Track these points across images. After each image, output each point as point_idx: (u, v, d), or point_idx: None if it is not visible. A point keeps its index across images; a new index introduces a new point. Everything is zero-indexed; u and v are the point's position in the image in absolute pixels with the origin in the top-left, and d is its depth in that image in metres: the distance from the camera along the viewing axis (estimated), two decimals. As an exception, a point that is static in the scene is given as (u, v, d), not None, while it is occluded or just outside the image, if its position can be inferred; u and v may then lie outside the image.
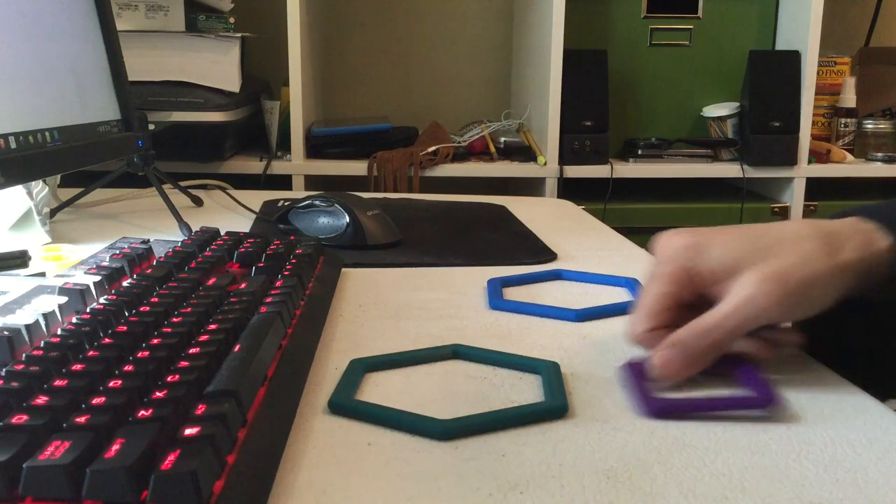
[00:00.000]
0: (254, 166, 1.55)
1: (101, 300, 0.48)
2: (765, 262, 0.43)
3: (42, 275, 0.61)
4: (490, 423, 0.40)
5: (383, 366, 0.48)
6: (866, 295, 0.46)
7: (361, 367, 0.47)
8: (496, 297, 0.62)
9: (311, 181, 1.60)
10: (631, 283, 0.66)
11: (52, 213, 0.89)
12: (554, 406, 0.42)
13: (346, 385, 0.44)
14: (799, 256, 0.43)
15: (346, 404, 0.41)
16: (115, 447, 0.29)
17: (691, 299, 0.46)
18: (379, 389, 0.45)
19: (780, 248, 0.44)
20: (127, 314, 0.47)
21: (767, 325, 0.45)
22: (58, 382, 0.35)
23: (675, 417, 0.41)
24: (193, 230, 0.77)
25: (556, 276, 0.70)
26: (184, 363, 0.39)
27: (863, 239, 0.45)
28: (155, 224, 0.90)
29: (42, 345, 0.39)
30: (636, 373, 0.45)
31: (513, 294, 0.64)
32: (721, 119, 1.72)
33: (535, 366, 0.47)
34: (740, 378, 0.45)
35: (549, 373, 0.46)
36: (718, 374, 0.45)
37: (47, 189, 0.81)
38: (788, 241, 0.44)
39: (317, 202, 0.81)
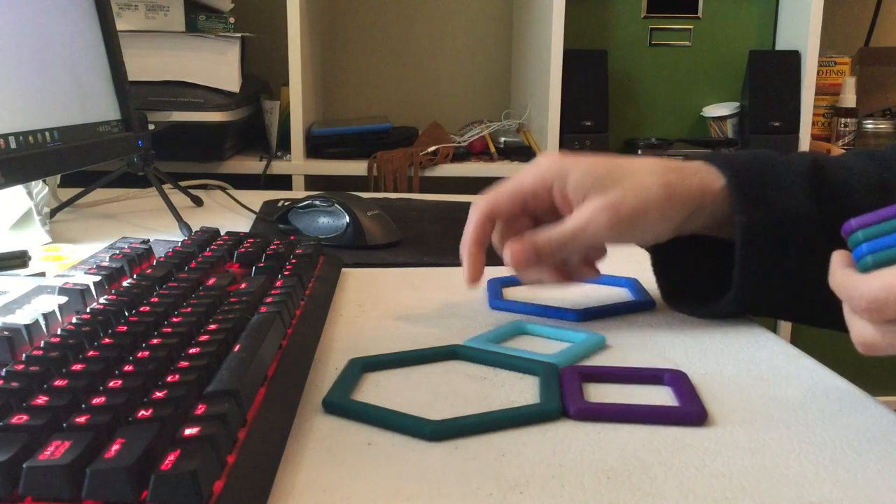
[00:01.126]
0: (254, 166, 1.55)
1: (101, 300, 0.48)
2: (606, 191, 0.51)
3: (42, 275, 0.61)
4: (482, 425, 0.40)
5: (382, 365, 0.48)
6: (712, 234, 0.55)
7: (359, 367, 0.47)
8: (496, 296, 0.62)
9: (311, 181, 1.60)
10: (631, 284, 0.66)
11: (52, 213, 0.89)
12: (548, 409, 0.41)
13: (342, 384, 0.44)
14: (637, 189, 0.51)
15: (340, 403, 0.41)
16: (115, 447, 0.29)
17: (537, 209, 0.55)
18: (377, 389, 0.45)
19: (624, 180, 0.52)
20: (127, 314, 0.47)
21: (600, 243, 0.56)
22: (58, 382, 0.35)
23: (594, 420, 0.41)
24: (193, 230, 0.77)
25: None
26: (184, 363, 0.39)
27: (700, 178, 0.53)
28: (155, 224, 0.90)
29: (42, 345, 0.39)
30: (574, 375, 0.46)
31: (513, 294, 0.64)
32: (721, 119, 1.72)
33: (533, 367, 0.47)
34: (671, 387, 0.45)
35: (546, 374, 0.46)
36: (647, 382, 0.46)
37: (47, 189, 0.81)
38: (633, 174, 0.52)
39: (317, 202, 0.81)
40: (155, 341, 0.42)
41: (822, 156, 0.56)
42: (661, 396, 0.44)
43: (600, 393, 0.45)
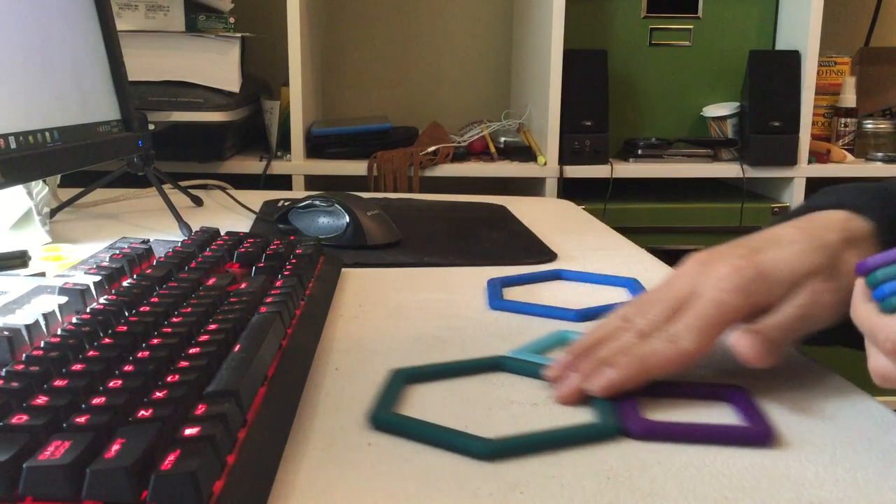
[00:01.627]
0: (254, 166, 1.55)
1: (101, 300, 0.48)
2: (818, 276, 0.46)
3: (42, 275, 0.61)
4: (539, 445, 0.38)
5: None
6: None
7: (402, 378, 0.45)
8: (496, 297, 0.62)
9: (311, 181, 1.60)
10: (631, 283, 0.66)
11: (52, 213, 0.89)
12: (607, 427, 0.39)
13: (387, 398, 0.42)
14: (839, 271, 0.46)
15: (388, 419, 0.40)
16: (115, 447, 0.29)
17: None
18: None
19: (823, 267, 0.46)
20: (127, 314, 0.47)
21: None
22: (58, 382, 0.35)
23: (659, 440, 0.39)
24: (193, 230, 0.77)
25: (557, 276, 0.70)
26: (184, 363, 0.39)
27: (872, 238, 0.48)
28: (155, 224, 0.90)
29: (42, 345, 0.39)
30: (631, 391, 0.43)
31: (513, 294, 0.64)
32: (721, 119, 1.72)
33: None
34: (734, 405, 0.43)
35: None
36: (711, 399, 0.44)
37: (47, 189, 0.81)
38: (836, 246, 0.47)
39: (317, 202, 0.81)
40: (155, 341, 0.42)
41: None
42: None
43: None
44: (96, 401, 0.34)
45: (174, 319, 0.46)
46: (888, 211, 0.48)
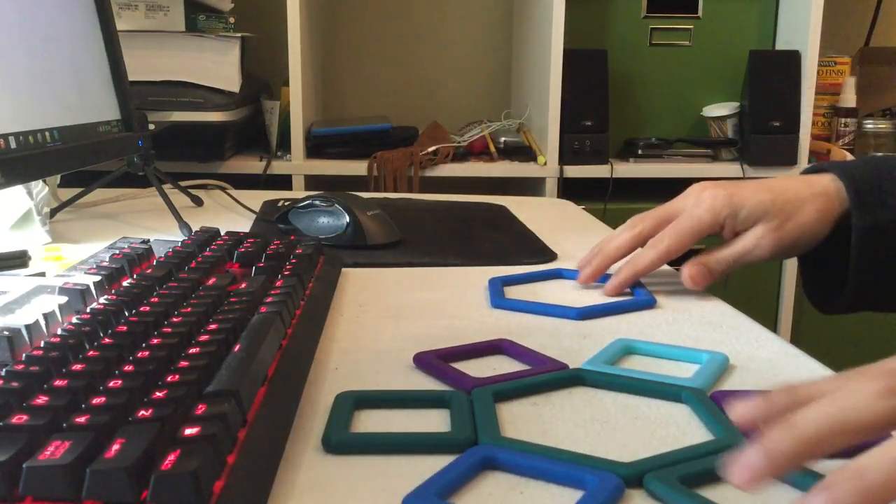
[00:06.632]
0: (254, 166, 1.55)
1: (101, 300, 0.48)
2: (772, 220, 0.61)
3: (42, 275, 0.61)
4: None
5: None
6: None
7: (489, 396, 0.42)
8: (498, 295, 0.62)
9: (311, 181, 1.59)
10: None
11: (52, 213, 0.89)
12: (735, 443, 0.36)
13: (484, 420, 0.39)
14: (798, 219, 0.61)
15: (494, 441, 0.37)
16: (115, 447, 0.29)
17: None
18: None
19: (786, 211, 0.61)
20: (127, 314, 0.47)
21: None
22: (58, 382, 0.35)
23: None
24: (193, 230, 0.77)
25: (557, 275, 0.70)
26: (184, 363, 0.39)
27: (838, 192, 0.62)
28: (155, 224, 0.90)
29: (42, 345, 0.39)
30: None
31: (514, 293, 0.64)
32: (721, 119, 1.72)
33: (674, 392, 0.43)
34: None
35: (698, 401, 0.41)
36: None
37: (47, 189, 0.81)
38: (796, 207, 0.61)
39: (317, 202, 0.81)
40: (155, 341, 0.41)
41: None
42: None
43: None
44: (96, 401, 0.34)
45: (174, 319, 0.46)
46: (858, 171, 0.61)
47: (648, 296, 0.62)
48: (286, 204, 0.87)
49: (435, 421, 0.41)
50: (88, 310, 0.45)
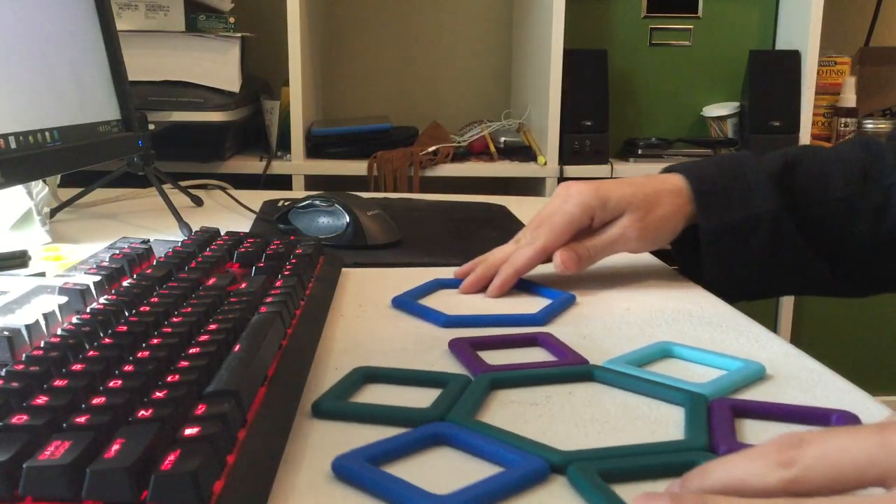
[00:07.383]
0: (254, 166, 1.55)
1: (101, 300, 0.48)
2: (636, 211, 0.65)
3: (42, 275, 0.61)
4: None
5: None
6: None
7: (486, 383, 0.44)
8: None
9: (311, 181, 1.59)
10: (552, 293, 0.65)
11: (52, 213, 0.89)
12: (693, 447, 0.37)
13: (465, 403, 0.41)
14: (658, 210, 0.66)
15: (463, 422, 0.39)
16: (115, 447, 0.29)
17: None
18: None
19: (648, 203, 0.65)
20: (127, 314, 0.47)
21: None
22: (58, 382, 0.35)
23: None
24: (193, 230, 0.77)
25: (439, 285, 0.67)
26: (184, 363, 0.39)
27: (687, 193, 0.66)
28: (155, 224, 0.90)
29: (42, 345, 0.39)
30: (724, 409, 0.41)
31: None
32: (721, 119, 1.72)
33: (677, 397, 0.43)
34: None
35: (694, 406, 0.41)
36: (811, 422, 0.42)
37: (47, 189, 0.81)
38: (656, 200, 0.66)
39: (317, 202, 0.81)
40: (155, 341, 0.41)
41: (805, 150, 0.70)
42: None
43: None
44: (96, 401, 0.34)
45: (174, 319, 0.46)
46: (704, 173, 0.67)
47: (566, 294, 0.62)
48: (286, 204, 0.87)
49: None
50: (88, 310, 0.45)
